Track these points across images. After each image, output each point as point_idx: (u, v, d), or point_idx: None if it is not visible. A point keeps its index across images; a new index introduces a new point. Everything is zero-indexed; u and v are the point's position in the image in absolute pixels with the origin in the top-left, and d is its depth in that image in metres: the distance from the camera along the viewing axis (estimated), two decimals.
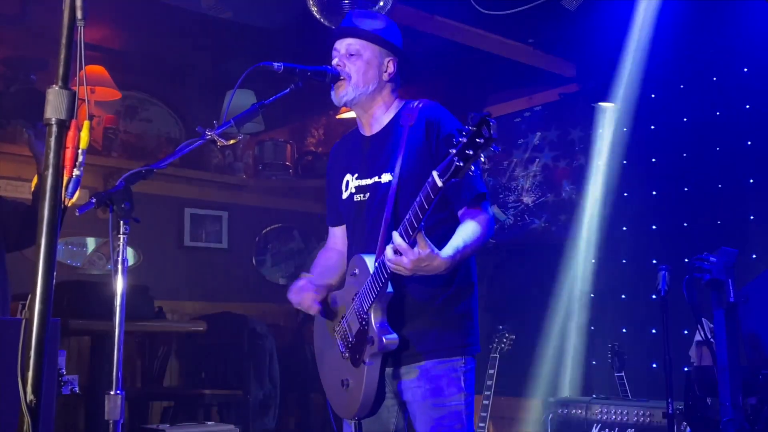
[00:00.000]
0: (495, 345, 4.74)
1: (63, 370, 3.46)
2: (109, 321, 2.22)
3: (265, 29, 4.80)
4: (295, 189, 6.16)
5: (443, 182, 1.98)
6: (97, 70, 4.94)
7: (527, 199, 5.70)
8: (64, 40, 1.35)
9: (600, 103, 5.33)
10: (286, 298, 2.60)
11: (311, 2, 3.79)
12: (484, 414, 4.56)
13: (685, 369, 4.12)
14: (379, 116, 2.55)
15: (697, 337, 4.06)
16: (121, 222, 2.22)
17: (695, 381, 3.90)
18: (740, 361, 3.49)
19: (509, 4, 4.59)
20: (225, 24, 4.70)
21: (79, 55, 1.39)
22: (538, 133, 5.67)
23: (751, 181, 4.68)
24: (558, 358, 5.25)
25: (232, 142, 2.46)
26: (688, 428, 3.85)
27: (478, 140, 1.90)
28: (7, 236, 3.20)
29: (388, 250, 2.13)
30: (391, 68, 2.52)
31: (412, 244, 2.08)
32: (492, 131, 1.88)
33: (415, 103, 2.51)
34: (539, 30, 4.90)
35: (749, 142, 4.73)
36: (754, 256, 4.53)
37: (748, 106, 4.81)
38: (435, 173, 2.00)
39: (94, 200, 2.20)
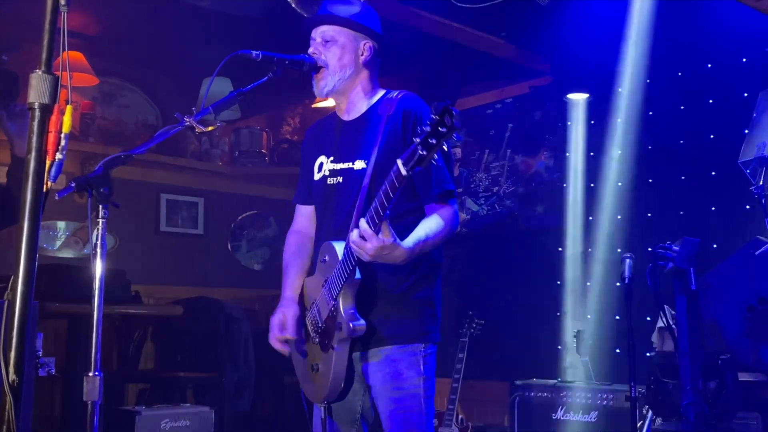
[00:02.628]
0: (465, 329, 4.77)
1: (40, 352, 3.42)
2: (86, 304, 2.21)
3: (242, 17, 4.76)
4: (270, 176, 6.12)
5: (407, 170, 1.98)
6: (75, 55, 4.86)
7: (498, 189, 5.72)
8: (47, 25, 1.35)
9: (569, 96, 5.35)
10: (261, 283, 2.60)
11: None
12: (453, 396, 4.59)
13: (648, 354, 4.17)
14: (356, 102, 2.55)
15: (660, 324, 4.11)
16: (100, 207, 2.19)
17: (657, 366, 3.96)
18: (700, 346, 3.55)
19: None
20: (202, 11, 4.65)
21: (62, 41, 1.38)
22: (510, 125, 5.70)
23: (713, 173, 4.73)
24: (525, 342, 5.29)
25: (210, 129, 2.44)
26: (649, 411, 3.91)
27: (440, 129, 1.90)
28: None
29: (354, 234, 2.14)
30: (367, 53, 2.51)
31: (377, 231, 2.09)
32: (454, 120, 1.88)
33: (395, 94, 2.51)
34: (512, 23, 4.91)
35: (711, 136, 4.78)
36: (714, 245, 4.58)
37: (711, 101, 4.86)
38: (399, 161, 2.00)
39: (73, 185, 2.17)
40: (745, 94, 4.50)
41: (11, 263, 1.27)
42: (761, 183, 3.47)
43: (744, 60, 4.65)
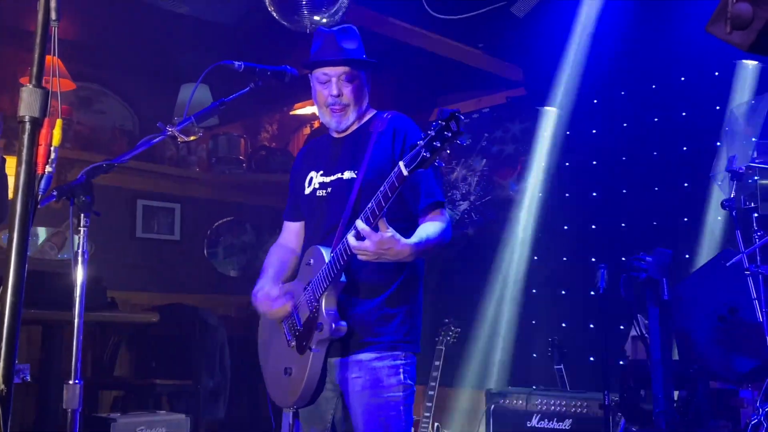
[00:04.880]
0: (441, 338, 4.77)
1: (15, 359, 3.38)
2: (61, 311, 2.21)
3: (221, 24, 4.75)
4: (248, 183, 6.09)
5: (409, 171, 2.03)
6: (56, 61, 4.82)
7: (474, 198, 5.75)
8: (38, 39, 1.34)
9: (545, 107, 5.38)
10: (237, 290, 2.60)
11: (268, 1, 3.76)
12: (429, 404, 4.59)
13: (621, 363, 4.21)
14: (354, 123, 2.59)
15: (633, 333, 4.15)
16: (82, 215, 2.20)
17: (630, 374, 3.99)
18: (672, 355, 3.59)
19: (461, 9, 4.62)
20: (181, 17, 4.64)
21: (53, 54, 1.37)
22: (486, 134, 5.72)
23: (686, 185, 4.79)
24: (501, 350, 5.32)
25: (192, 138, 2.46)
26: (622, 419, 3.94)
27: (446, 133, 1.96)
28: None
29: (350, 238, 2.16)
30: (369, 84, 2.60)
31: (375, 229, 2.12)
32: (460, 126, 1.95)
33: (386, 114, 2.56)
34: (489, 35, 4.93)
35: (684, 148, 4.84)
36: (686, 256, 4.63)
37: (684, 114, 4.92)
38: (401, 163, 2.05)
39: (55, 193, 2.18)
40: (717, 107, 4.56)
41: None
42: (732, 195, 3.52)
43: (716, 74, 4.72)
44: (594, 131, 5.38)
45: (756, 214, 3.81)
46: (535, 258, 5.46)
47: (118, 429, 3.73)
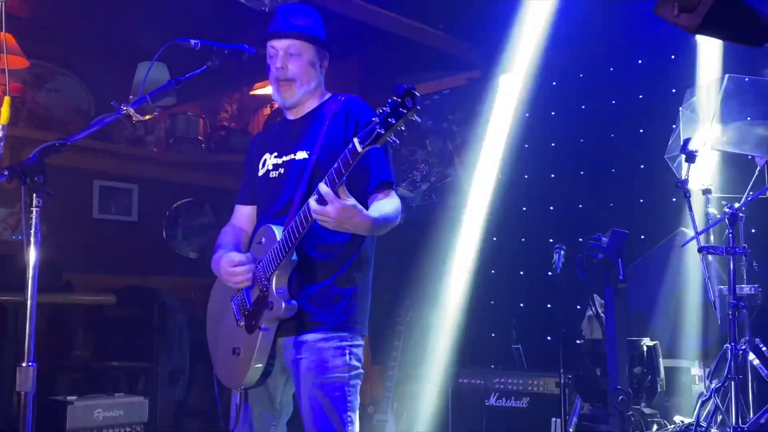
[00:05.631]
0: (401, 318, 4.81)
1: None
2: (12, 293, 2.17)
3: (178, 2, 4.68)
4: (207, 163, 6.02)
5: (363, 148, 2.00)
6: (4, 36, 4.71)
7: (434, 179, 5.77)
8: None
9: (504, 89, 5.37)
10: (197, 271, 2.57)
11: None
12: (389, 384, 4.64)
13: (578, 342, 4.27)
14: (307, 104, 2.57)
15: (589, 312, 4.21)
16: (34, 195, 2.16)
17: (586, 353, 4.07)
18: (627, 334, 3.66)
19: None
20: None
21: (1, 30, 1.34)
22: (448, 116, 5.73)
23: (642, 166, 4.85)
24: (460, 330, 5.36)
25: (148, 117, 2.40)
26: (578, 397, 4.01)
27: (401, 110, 1.93)
28: None
29: (312, 202, 2.13)
30: (325, 65, 2.58)
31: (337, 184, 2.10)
32: (416, 102, 1.92)
33: (341, 96, 2.54)
34: (450, 15, 4.93)
35: (641, 130, 4.90)
36: (642, 237, 4.69)
37: (641, 96, 4.98)
38: (356, 140, 2.02)
39: (6, 173, 2.13)
40: (674, 90, 4.62)
41: None
42: (685, 177, 3.58)
43: (672, 57, 4.78)
44: (553, 113, 5.42)
45: (709, 195, 3.89)
46: (494, 239, 5.49)
47: (75, 412, 3.70)
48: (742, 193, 3.63)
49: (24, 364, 2.12)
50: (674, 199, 4.58)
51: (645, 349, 3.89)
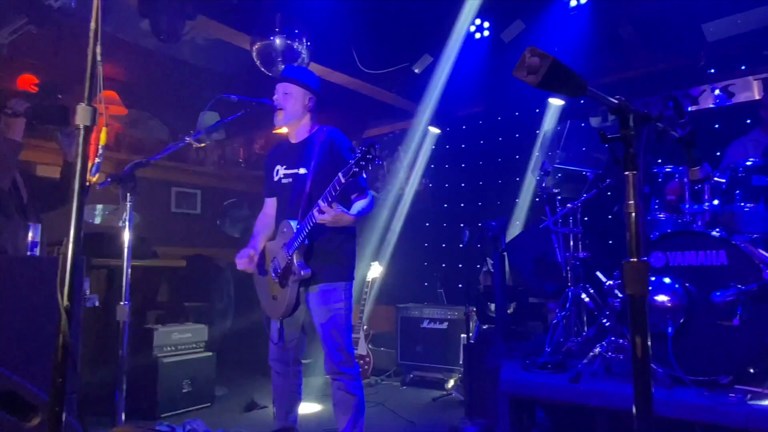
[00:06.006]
0: (370, 273, 4.81)
1: (87, 291, 3.31)
2: (119, 259, 2.17)
3: (223, 71, 4.67)
4: (245, 177, 6.00)
5: (345, 180, 2.06)
6: (111, 93, 4.64)
7: (390, 186, 5.78)
8: (88, 73, 1.28)
9: (432, 129, 5.40)
10: (239, 245, 2.58)
11: (256, 57, 3.71)
12: (361, 314, 4.61)
13: (479, 287, 4.31)
14: (301, 133, 2.51)
15: (484, 269, 4.27)
16: (128, 194, 2.17)
17: (483, 294, 4.10)
18: (506, 282, 3.69)
19: (381, 66, 4.64)
20: (195, 67, 4.54)
21: (99, 84, 1.34)
22: (399, 147, 5.76)
23: (517, 179, 4.92)
24: (406, 280, 5.38)
25: (203, 145, 2.42)
26: (477, 321, 4.07)
27: (368, 156, 2.01)
28: (43, 202, 3.01)
29: (316, 213, 2.18)
30: (309, 103, 2.49)
31: (330, 207, 2.16)
32: (376, 153, 2.00)
33: (326, 129, 2.49)
34: (399, 83, 4.93)
35: (517, 156, 4.94)
36: (517, 222, 4.79)
37: (517, 135, 5.01)
38: (341, 174, 2.07)
39: (109, 180, 2.13)
40: (537, 131, 4.67)
41: (63, 231, 1.25)
42: (543, 185, 3.63)
43: (537, 111, 4.84)
44: (463, 145, 5.47)
45: (559, 197, 3.96)
46: (427, 224, 5.55)
47: (159, 335, 3.67)
48: (579, 196, 3.68)
49: (121, 303, 2.15)
50: (537, 199, 4.69)
51: (519, 291, 3.95)
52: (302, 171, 2.43)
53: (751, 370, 2.27)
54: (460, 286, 5.05)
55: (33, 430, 1.93)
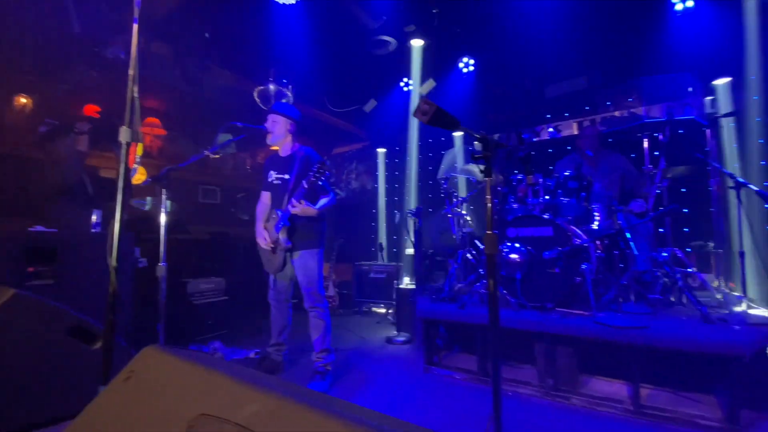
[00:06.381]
0: (336, 243, 4.76)
1: (138, 256, 3.08)
2: (158, 234, 2.05)
3: (232, 104, 4.42)
4: (251, 178, 5.72)
5: (307, 185, 2.06)
6: (154, 120, 4.30)
7: (346, 191, 5.71)
8: (128, 106, 1.23)
9: (379, 150, 5.36)
10: (247, 225, 2.49)
11: (256, 96, 3.55)
12: (331, 270, 4.60)
13: (406, 251, 4.31)
14: (286, 149, 2.43)
15: (408, 240, 4.28)
16: (163, 190, 2.03)
17: (408, 255, 4.11)
18: (422, 247, 3.71)
19: (344, 105, 4.55)
20: (220, 104, 4.28)
21: (138, 113, 1.26)
22: (354, 162, 5.68)
23: (430, 182, 4.88)
24: (361, 247, 5.33)
25: (217, 156, 2.31)
26: (404, 273, 4.07)
27: (321, 170, 2.01)
28: (104, 196, 2.77)
29: (290, 207, 2.16)
30: (290, 128, 2.41)
31: (299, 202, 2.12)
32: (326, 168, 2.01)
33: (304, 148, 2.42)
34: (355, 118, 4.87)
35: (430, 168, 4.90)
36: (430, 209, 4.75)
37: (430, 154, 4.99)
38: (304, 181, 2.08)
39: (150, 180, 1.99)
40: (442, 152, 4.60)
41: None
42: (445, 186, 3.65)
43: (443, 139, 4.89)
44: (396, 160, 5.44)
45: (454, 193, 4.01)
46: (373, 211, 5.45)
47: (191, 285, 3.50)
48: (466, 193, 3.73)
49: (159, 264, 2.03)
50: (442, 194, 4.70)
51: (429, 253, 3.99)
52: (287, 176, 2.38)
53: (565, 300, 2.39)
54: (394, 250, 5.06)
55: (96, 351, 1.85)
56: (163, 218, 2.05)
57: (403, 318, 3.32)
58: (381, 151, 5.40)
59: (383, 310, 4.29)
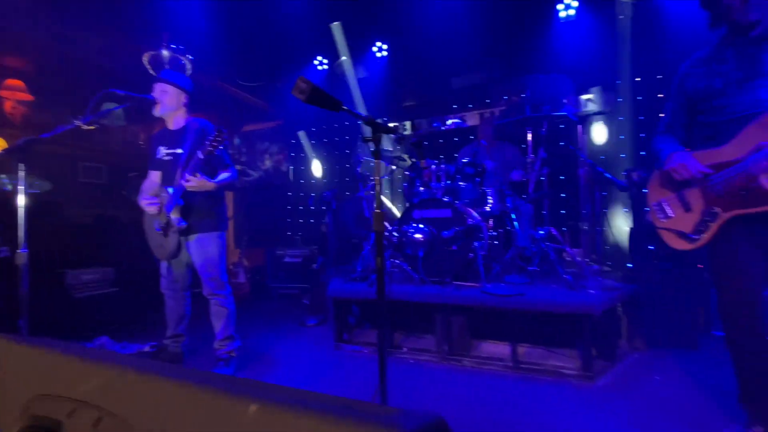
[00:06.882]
0: (247, 228, 4.53)
1: None
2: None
3: (115, 69, 3.81)
4: (145, 154, 5.00)
5: (203, 156, 1.90)
6: (17, 82, 3.49)
7: (264, 167, 5.45)
8: None
9: (300, 133, 5.17)
10: (139, 207, 2.23)
11: (146, 62, 3.13)
12: (242, 255, 4.40)
13: (321, 233, 4.30)
14: (178, 122, 2.23)
15: (324, 221, 4.28)
16: (21, 164, 1.70)
17: (323, 238, 4.08)
18: (344, 231, 3.71)
19: (254, 80, 4.29)
20: (92, 66, 3.64)
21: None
22: (266, 143, 5.41)
23: (347, 165, 4.89)
24: (275, 229, 5.16)
25: (92, 127, 2.01)
26: (319, 256, 4.07)
27: (218, 138, 1.88)
28: None
29: (182, 182, 1.99)
30: (183, 99, 2.21)
31: (193, 176, 1.98)
32: (223, 137, 1.87)
33: (198, 120, 2.24)
34: (269, 94, 4.63)
35: (347, 151, 4.94)
36: (347, 193, 4.79)
37: (347, 137, 5.00)
38: (199, 152, 1.91)
39: (3, 152, 1.66)
40: (360, 135, 4.71)
41: None
42: (359, 170, 3.69)
43: (359, 122, 4.90)
44: (312, 142, 5.33)
45: (369, 177, 4.09)
46: (289, 194, 5.33)
47: (70, 276, 3.04)
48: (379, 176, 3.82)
49: (18, 251, 1.72)
50: (357, 173, 4.78)
51: (344, 235, 4.04)
52: (179, 151, 2.19)
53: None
54: (310, 233, 5.00)
55: None
56: (21, 198, 1.73)
57: (316, 299, 3.34)
58: (302, 135, 5.22)
59: (298, 294, 4.25)
